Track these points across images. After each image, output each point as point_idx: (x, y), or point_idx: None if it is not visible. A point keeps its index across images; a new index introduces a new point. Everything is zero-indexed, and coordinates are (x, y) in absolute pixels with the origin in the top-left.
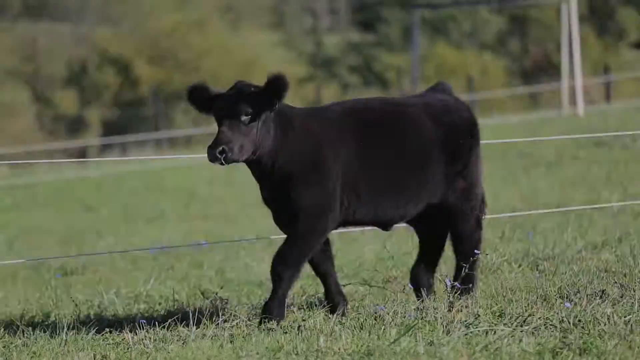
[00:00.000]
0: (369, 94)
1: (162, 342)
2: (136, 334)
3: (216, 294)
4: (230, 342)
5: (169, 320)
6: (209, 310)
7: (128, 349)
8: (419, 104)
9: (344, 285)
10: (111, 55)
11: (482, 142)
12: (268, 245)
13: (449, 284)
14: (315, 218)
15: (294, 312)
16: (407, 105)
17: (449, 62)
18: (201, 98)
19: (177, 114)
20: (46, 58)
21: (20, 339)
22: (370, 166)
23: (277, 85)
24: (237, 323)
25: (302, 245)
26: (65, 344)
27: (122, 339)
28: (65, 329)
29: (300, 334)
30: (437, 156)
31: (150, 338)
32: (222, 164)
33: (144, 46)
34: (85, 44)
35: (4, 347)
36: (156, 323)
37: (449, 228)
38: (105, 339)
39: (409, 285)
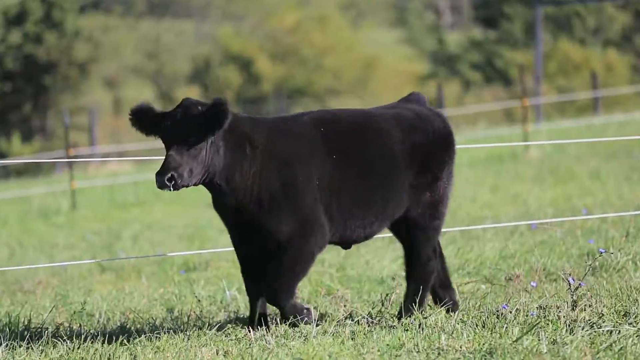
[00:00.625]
0: (490, 91)
1: (284, 338)
2: (258, 330)
3: (337, 290)
4: (352, 339)
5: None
6: (330, 307)
7: (250, 345)
8: (388, 115)
9: (465, 283)
10: (234, 52)
11: (610, 138)
12: (389, 243)
13: (572, 282)
14: (295, 248)
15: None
16: (375, 115)
17: (572, 59)
18: (145, 119)
19: (299, 110)
20: (170, 55)
21: (144, 334)
22: (340, 183)
23: (217, 111)
24: (358, 320)
25: (288, 278)
26: (189, 339)
27: (244, 335)
28: (189, 325)
29: (421, 331)
30: (405, 168)
31: (272, 334)
32: (170, 190)
33: (266, 43)
34: (209, 41)
35: (128, 342)
36: (278, 319)
37: (409, 248)
38: (228, 335)
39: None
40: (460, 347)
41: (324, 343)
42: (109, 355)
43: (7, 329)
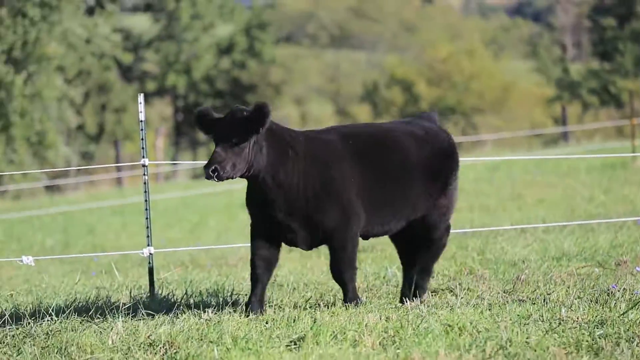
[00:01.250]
0: (605, 112)
1: (434, 307)
2: (412, 301)
3: (478, 270)
4: (489, 309)
5: (439, 291)
6: (472, 284)
7: (407, 312)
8: (404, 129)
9: (582, 267)
10: (398, 77)
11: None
12: (521, 232)
13: None
14: (341, 233)
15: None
16: (393, 130)
17: None
18: (205, 121)
19: (449, 125)
20: (346, 79)
21: (322, 301)
22: (366, 185)
23: (259, 113)
24: (494, 295)
25: (344, 256)
26: (357, 306)
27: (402, 305)
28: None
29: (545, 305)
30: (420, 176)
31: (424, 304)
32: (215, 180)
33: (424, 70)
34: (377, 68)
35: (310, 307)
36: (430, 293)
37: (424, 235)
38: (389, 304)
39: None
40: (577, 318)
41: (466, 312)
42: (295, 317)
43: (216, 295)
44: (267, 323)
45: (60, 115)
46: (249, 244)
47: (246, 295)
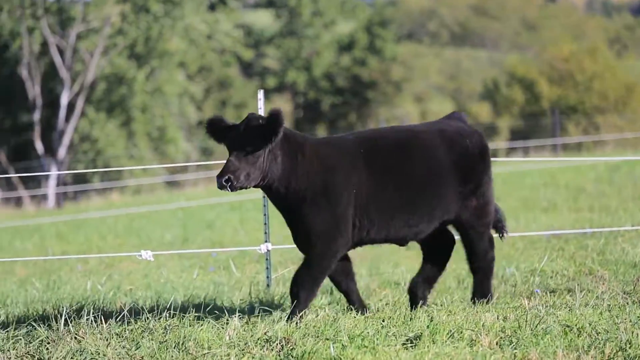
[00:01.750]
0: None
1: (552, 308)
2: (531, 301)
3: (597, 271)
4: (608, 310)
5: (558, 291)
6: (591, 285)
7: (524, 312)
8: (433, 130)
9: None
10: (518, 75)
11: None
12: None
13: None
14: (326, 242)
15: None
16: (420, 132)
17: None
18: (217, 129)
19: (570, 124)
20: (466, 77)
21: (438, 299)
22: (381, 189)
23: (274, 121)
24: (613, 296)
25: (315, 268)
26: (475, 305)
27: (520, 304)
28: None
29: None
30: (450, 177)
31: (543, 304)
32: (228, 190)
33: (546, 68)
34: (498, 66)
35: (426, 305)
36: (548, 293)
37: (465, 246)
38: (507, 304)
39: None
40: None
41: (585, 313)
42: (411, 315)
43: (332, 292)
44: (383, 321)
45: (181, 111)
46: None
47: (361, 293)
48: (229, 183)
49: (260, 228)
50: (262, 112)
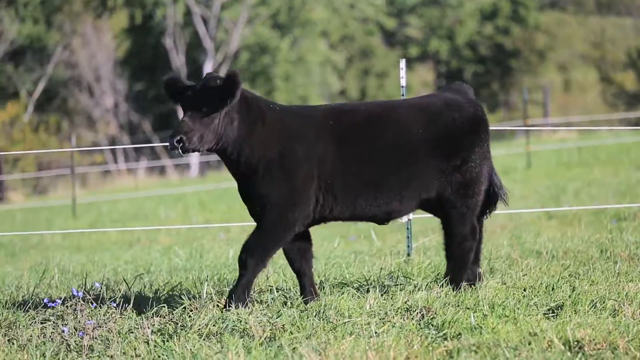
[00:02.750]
0: None
1: None
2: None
3: None
4: None
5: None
6: None
7: None
8: (413, 104)
9: None
10: None
11: None
12: None
13: None
14: (280, 212)
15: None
16: (397, 106)
17: None
18: (174, 89)
19: None
20: (611, 46)
21: (581, 269)
22: (347, 165)
23: (230, 82)
24: None
25: (267, 238)
26: (618, 275)
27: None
28: (623, 263)
29: None
30: (429, 153)
31: None
32: (179, 152)
33: None
34: None
35: (569, 275)
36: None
37: (444, 226)
38: None
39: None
40: None
41: None
42: (553, 285)
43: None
44: (524, 290)
45: (323, 80)
46: (506, 212)
47: (498, 259)
48: (181, 144)
49: None
50: (403, 81)
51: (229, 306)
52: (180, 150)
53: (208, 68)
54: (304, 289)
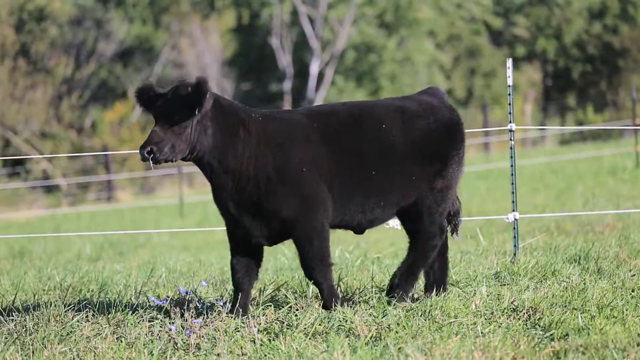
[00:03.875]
0: None
1: None
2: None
3: None
4: None
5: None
6: None
7: None
8: (391, 107)
9: None
10: None
11: None
12: None
13: None
14: (302, 225)
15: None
16: (376, 108)
17: None
18: (146, 97)
19: None
20: None
21: None
22: (340, 167)
23: (197, 91)
24: None
25: (312, 251)
26: None
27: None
28: None
29: None
30: (409, 158)
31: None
32: (151, 163)
33: None
34: None
35: None
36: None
37: (413, 224)
38: None
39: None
40: None
41: None
42: None
43: (580, 262)
44: (632, 292)
45: (430, 80)
46: (614, 211)
47: (606, 260)
48: (152, 155)
49: (507, 197)
50: (510, 80)
51: (333, 310)
52: (151, 161)
53: (314, 68)
54: (235, 304)
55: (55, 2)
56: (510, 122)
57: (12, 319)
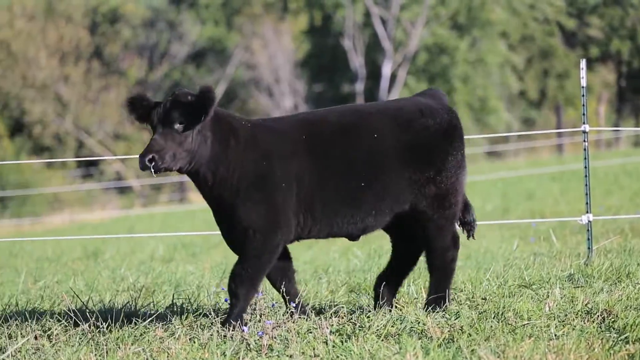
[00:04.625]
0: None
1: None
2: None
3: None
4: None
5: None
6: None
7: None
8: (386, 111)
9: None
10: None
11: None
12: None
13: None
14: (263, 238)
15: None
16: (368, 112)
17: None
18: (140, 107)
19: None
20: None
21: None
22: (325, 181)
23: (204, 98)
24: None
25: (253, 266)
26: None
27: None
28: None
29: None
30: (402, 164)
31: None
32: (152, 172)
33: None
34: None
35: None
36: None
37: (422, 240)
38: None
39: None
40: None
41: None
42: None
43: None
44: None
45: (503, 81)
46: None
47: None
48: (153, 163)
49: (581, 199)
50: (584, 81)
51: (224, 335)
52: (152, 170)
53: (386, 69)
54: (291, 304)
55: (128, 4)
56: (583, 123)
57: (86, 319)
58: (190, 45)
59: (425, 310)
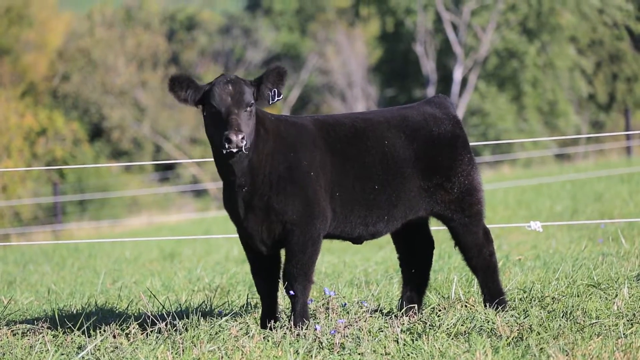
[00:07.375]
0: None
1: None
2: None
3: None
4: None
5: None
6: None
7: None
8: (392, 119)
9: None
10: None
11: None
12: None
13: None
14: (301, 230)
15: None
16: (377, 120)
17: None
18: (189, 87)
19: None
20: None
21: None
22: (343, 176)
23: (279, 78)
24: None
25: (301, 260)
26: None
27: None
28: None
29: None
30: (412, 171)
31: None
32: (243, 151)
33: None
34: None
35: None
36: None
37: (455, 243)
38: None
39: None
40: None
41: None
42: None
43: None
44: None
45: (572, 85)
46: None
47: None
48: (244, 142)
49: None
50: None
51: (298, 333)
52: (244, 150)
53: (457, 74)
54: (265, 313)
55: (204, 12)
56: None
57: (163, 319)
58: (265, 51)
59: (495, 310)
